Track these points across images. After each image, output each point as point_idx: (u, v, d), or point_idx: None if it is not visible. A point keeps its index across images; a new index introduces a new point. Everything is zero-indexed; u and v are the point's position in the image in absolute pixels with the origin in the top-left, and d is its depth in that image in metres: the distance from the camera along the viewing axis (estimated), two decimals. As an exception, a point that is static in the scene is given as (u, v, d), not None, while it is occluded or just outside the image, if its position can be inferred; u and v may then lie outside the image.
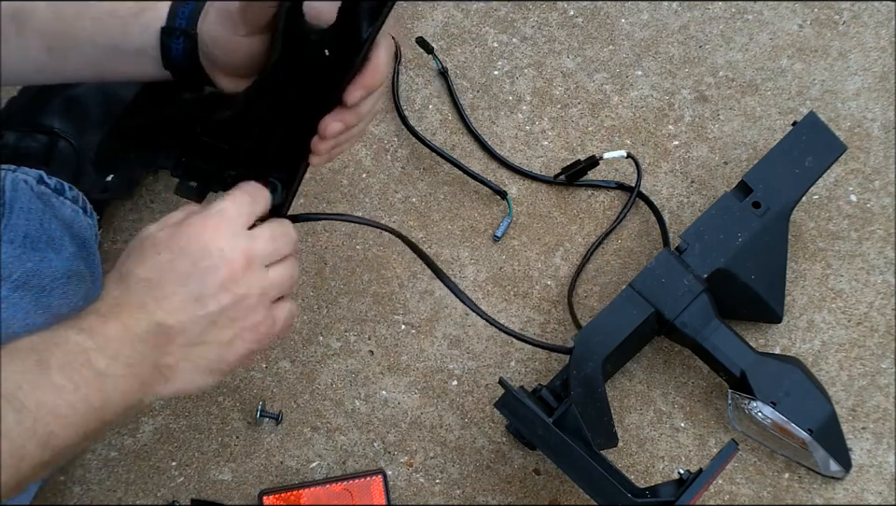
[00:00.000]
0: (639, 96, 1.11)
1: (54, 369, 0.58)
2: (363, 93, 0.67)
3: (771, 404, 0.90)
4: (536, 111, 1.10)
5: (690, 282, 0.91)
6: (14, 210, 0.88)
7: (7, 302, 0.83)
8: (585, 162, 1.03)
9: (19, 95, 1.00)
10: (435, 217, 1.06)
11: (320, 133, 0.68)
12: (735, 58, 1.12)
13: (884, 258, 1.03)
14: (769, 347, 0.99)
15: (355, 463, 0.96)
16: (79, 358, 0.59)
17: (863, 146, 1.07)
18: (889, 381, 0.98)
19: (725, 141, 1.08)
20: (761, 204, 0.95)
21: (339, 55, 0.66)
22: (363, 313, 1.02)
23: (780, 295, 0.98)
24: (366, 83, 0.66)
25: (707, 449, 0.96)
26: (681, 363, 1.00)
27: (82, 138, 0.98)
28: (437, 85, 1.12)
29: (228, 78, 0.71)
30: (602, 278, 1.03)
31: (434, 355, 1.00)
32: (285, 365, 1.00)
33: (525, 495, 0.95)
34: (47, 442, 0.57)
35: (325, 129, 0.68)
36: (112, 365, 0.60)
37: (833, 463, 0.93)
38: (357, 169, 1.08)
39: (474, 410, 0.98)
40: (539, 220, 1.06)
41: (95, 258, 0.94)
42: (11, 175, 0.90)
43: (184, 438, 0.97)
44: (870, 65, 1.11)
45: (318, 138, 0.69)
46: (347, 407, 0.98)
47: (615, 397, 0.98)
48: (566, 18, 1.15)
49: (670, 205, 1.06)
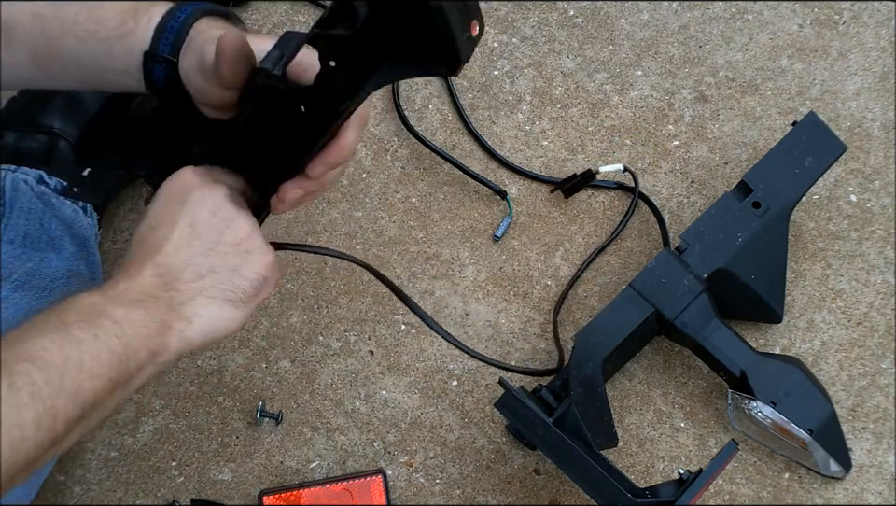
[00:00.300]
0: (639, 96, 1.11)
1: (73, 324, 0.59)
2: (324, 169, 0.68)
3: (771, 404, 0.90)
4: (536, 111, 1.10)
5: (690, 282, 0.91)
6: (14, 210, 0.88)
7: (8, 302, 0.83)
8: (582, 176, 1.03)
9: (19, 95, 1.00)
10: (435, 217, 1.06)
11: (280, 196, 0.70)
12: (734, 58, 1.12)
13: (884, 258, 1.03)
14: (769, 347, 0.99)
15: (355, 463, 0.96)
16: (95, 310, 0.61)
17: (863, 146, 1.07)
18: (888, 381, 0.98)
19: (725, 141, 1.08)
20: (761, 204, 0.95)
21: (312, 118, 0.66)
22: (363, 313, 1.02)
23: (780, 295, 0.98)
24: (329, 160, 0.68)
25: (707, 449, 0.96)
26: (681, 363, 1.00)
27: (82, 138, 0.98)
28: (437, 85, 1.12)
29: (206, 108, 0.72)
30: (602, 278, 1.03)
31: (434, 355, 1.00)
32: (285, 365, 1.00)
33: (525, 495, 0.95)
34: (76, 396, 0.58)
35: (284, 194, 0.70)
36: (127, 312, 0.62)
37: (833, 463, 0.93)
38: (357, 169, 1.08)
39: (474, 410, 0.98)
40: (539, 220, 1.06)
41: (95, 258, 0.94)
42: (11, 175, 0.90)
43: (184, 438, 0.97)
44: (870, 65, 1.11)
45: (277, 199, 0.70)
46: (347, 407, 0.98)
47: (615, 397, 0.98)
48: (566, 18, 1.15)
49: (670, 205, 1.06)
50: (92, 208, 0.95)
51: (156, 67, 0.71)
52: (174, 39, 0.70)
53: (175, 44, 0.70)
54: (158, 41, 0.70)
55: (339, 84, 0.63)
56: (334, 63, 0.62)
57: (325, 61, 0.63)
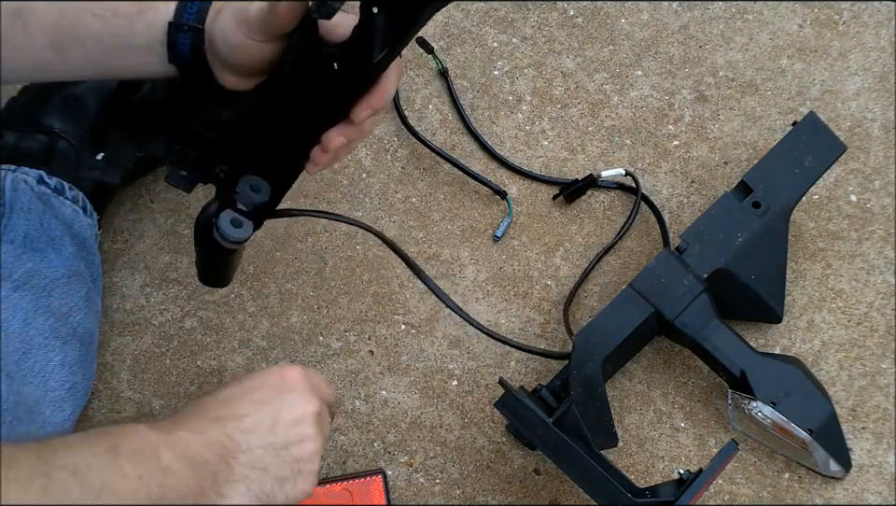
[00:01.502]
0: (639, 96, 1.11)
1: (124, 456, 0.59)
2: (370, 113, 0.69)
3: (771, 404, 0.90)
4: (536, 111, 1.10)
5: (690, 282, 0.91)
6: (14, 210, 0.88)
7: (8, 302, 0.83)
8: (583, 182, 1.03)
9: (19, 95, 1.00)
10: (435, 217, 1.06)
11: (323, 145, 0.70)
12: (734, 58, 1.12)
13: (884, 258, 1.03)
14: (769, 347, 0.99)
15: (355, 463, 0.96)
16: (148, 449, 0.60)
17: (863, 146, 1.07)
18: (888, 381, 0.98)
19: (725, 141, 1.08)
20: (761, 204, 0.95)
21: (348, 71, 0.66)
22: (363, 313, 1.02)
23: (780, 295, 0.98)
24: (373, 104, 0.68)
25: (706, 449, 0.96)
26: (681, 363, 1.00)
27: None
28: (437, 85, 1.12)
29: (233, 77, 0.71)
30: (602, 278, 1.03)
31: (434, 355, 1.00)
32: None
33: (525, 495, 0.95)
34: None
35: (329, 142, 0.70)
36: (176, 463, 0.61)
37: (833, 463, 0.93)
38: (357, 169, 1.08)
39: (474, 410, 0.98)
40: (539, 220, 1.06)
41: (95, 258, 0.94)
42: (11, 175, 0.90)
43: (184, 438, 0.97)
44: (870, 65, 1.11)
45: (320, 150, 0.70)
46: (347, 407, 0.98)
47: (615, 397, 0.98)
48: (566, 18, 1.15)
49: (670, 205, 1.06)
50: (93, 208, 0.95)
51: (180, 37, 0.71)
52: (198, 7, 0.70)
53: (200, 11, 0.70)
54: (182, 10, 0.71)
55: (380, 33, 0.62)
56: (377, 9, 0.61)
57: (367, 8, 0.62)
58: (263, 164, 0.72)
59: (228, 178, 0.73)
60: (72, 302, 0.89)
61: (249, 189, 0.72)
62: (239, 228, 0.72)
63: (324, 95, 0.68)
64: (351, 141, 0.71)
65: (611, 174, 1.04)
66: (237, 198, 0.72)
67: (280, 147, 0.71)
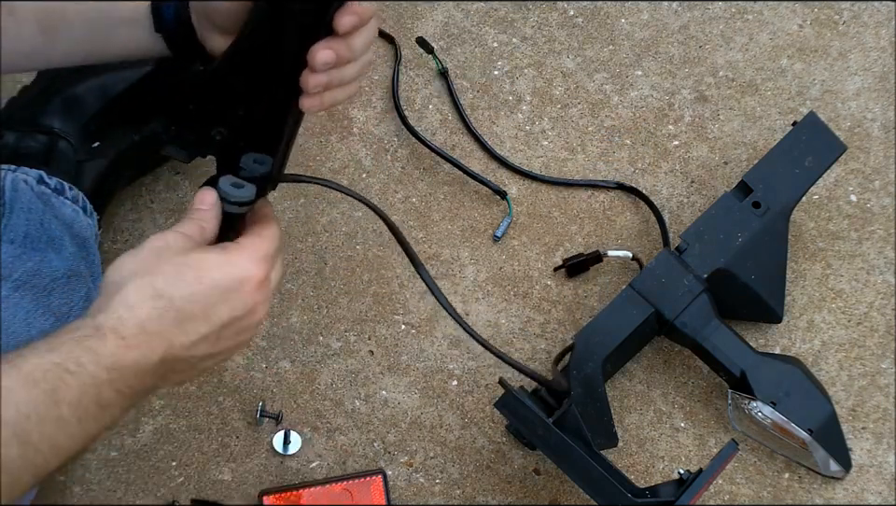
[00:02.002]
0: (639, 96, 1.11)
1: (64, 404, 0.58)
2: (354, 20, 0.62)
3: (771, 404, 0.90)
4: (536, 111, 1.10)
5: (690, 282, 0.91)
6: (14, 210, 0.88)
7: (8, 302, 0.83)
8: (588, 256, 1.01)
9: (19, 95, 1.00)
10: (435, 217, 1.06)
11: (310, 64, 0.63)
12: (734, 58, 1.12)
13: (884, 258, 1.03)
14: (769, 347, 0.99)
15: (355, 463, 0.96)
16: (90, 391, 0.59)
17: (863, 146, 1.07)
18: (888, 381, 0.98)
19: (725, 141, 1.08)
20: (761, 204, 0.95)
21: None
22: (363, 313, 1.02)
23: (780, 295, 0.98)
24: (356, 8, 0.62)
25: (706, 449, 0.96)
26: (681, 363, 1.00)
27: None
28: (437, 85, 1.12)
29: (220, 37, 0.70)
30: (602, 278, 1.03)
31: (434, 355, 1.00)
32: (285, 365, 1.00)
33: (525, 495, 0.95)
34: (38, 471, 0.58)
35: (314, 58, 0.63)
36: (117, 397, 0.60)
37: (833, 463, 0.93)
38: (357, 169, 1.08)
39: (474, 410, 0.98)
40: (539, 220, 1.06)
41: (95, 258, 0.94)
42: (11, 175, 0.90)
43: (184, 438, 0.97)
44: (870, 65, 1.11)
45: (308, 71, 0.64)
46: (347, 407, 0.98)
47: (615, 397, 0.98)
48: (566, 18, 1.15)
49: (670, 205, 1.06)
50: (93, 208, 0.95)
51: (165, 6, 0.71)
52: None
53: None
54: None
55: None
56: None
57: None
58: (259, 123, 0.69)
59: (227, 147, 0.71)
60: (72, 302, 0.89)
61: (252, 162, 0.71)
62: (241, 189, 0.70)
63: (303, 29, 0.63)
64: (341, 59, 0.64)
65: (618, 254, 1.02)
66: (241, 174, 0.71)
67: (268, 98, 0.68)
